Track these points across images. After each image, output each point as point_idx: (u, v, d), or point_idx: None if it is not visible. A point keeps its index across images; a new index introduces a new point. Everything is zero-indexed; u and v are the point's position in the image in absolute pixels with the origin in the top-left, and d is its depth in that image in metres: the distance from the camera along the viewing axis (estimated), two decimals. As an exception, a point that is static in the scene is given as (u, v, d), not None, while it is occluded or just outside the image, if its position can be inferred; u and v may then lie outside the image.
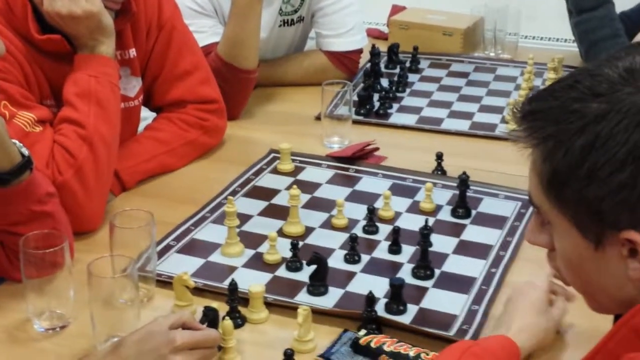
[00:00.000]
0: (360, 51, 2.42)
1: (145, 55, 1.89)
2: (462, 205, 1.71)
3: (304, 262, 1.51)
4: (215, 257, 1.57)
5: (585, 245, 0.98)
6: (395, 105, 2.25)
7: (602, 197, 0.92)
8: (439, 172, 1.88)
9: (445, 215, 1.72)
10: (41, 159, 1.57)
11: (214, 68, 2.11)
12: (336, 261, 1.55)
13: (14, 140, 1.37)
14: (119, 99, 1.73)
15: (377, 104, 2.22)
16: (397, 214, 1.71)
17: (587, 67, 0.98)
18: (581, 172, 0.93)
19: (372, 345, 1.29)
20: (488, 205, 1.75)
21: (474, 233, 1.65)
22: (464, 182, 1.71)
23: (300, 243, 1.57)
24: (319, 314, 1.38)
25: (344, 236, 1.63)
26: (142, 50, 1.88)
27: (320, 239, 1.64)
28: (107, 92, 1.68)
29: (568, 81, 0.98)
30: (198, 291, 1.44)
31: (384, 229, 1.66)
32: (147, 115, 2.05)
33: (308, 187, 1.82)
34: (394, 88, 2.32)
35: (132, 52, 1.85)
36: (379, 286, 1.46)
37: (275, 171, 1.90)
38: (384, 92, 2.25)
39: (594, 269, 1.00)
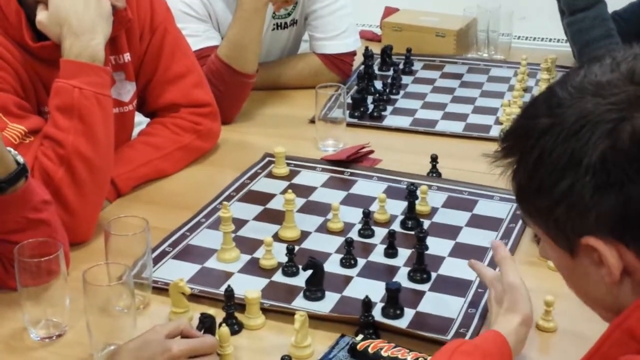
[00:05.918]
0: (353, 53, 2.42)
1: (138, 59, 1.88)
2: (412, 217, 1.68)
3: (300, 266, 1.51)
4: (211, 263, 1.57)
5: (563, 255, 0.99)
6: (389, 108, 2.25)
7: (552, 207, 0.95)
8: (434, 175, 1.88)
9: (440, 217, 1.72)
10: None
11: (214, 70, 2.11)
12: (332, 265, 1.55)
13: (8, 148, 1.37)
14: (108, 109, 1.65)
15: (371, 107, 2.22)
16: (393, 217, 1.71)
17: (549, 86, 1.03)
18: (533, 185, 0.97)
19: (370, 350, 1.29)
20: (483, 207, 1.75)
21: (469, 235, 1.66)
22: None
23: (296, 248, 1.57)
24: (315, 319, 1.38)
25: (339, 240, 1.63)
26: (136, 54, 1.87)
27: (316, 243, 1.63)
28: (91, 105, 1.60)
29: (531, 100, 1.03)
30: (194, 298, 1.44)
31: (380, 233, 1.65)
32: (141, 120, 2.04)
33: (303, 191, 1.81)
34: (387, 90, 2.32)
35: (127, 56, 1.84)
36: (376, 290, 1.46)
37: (270, 175, 1.90)
38: (377, 95, 2.26)
39: (580, 279, 1.00)
